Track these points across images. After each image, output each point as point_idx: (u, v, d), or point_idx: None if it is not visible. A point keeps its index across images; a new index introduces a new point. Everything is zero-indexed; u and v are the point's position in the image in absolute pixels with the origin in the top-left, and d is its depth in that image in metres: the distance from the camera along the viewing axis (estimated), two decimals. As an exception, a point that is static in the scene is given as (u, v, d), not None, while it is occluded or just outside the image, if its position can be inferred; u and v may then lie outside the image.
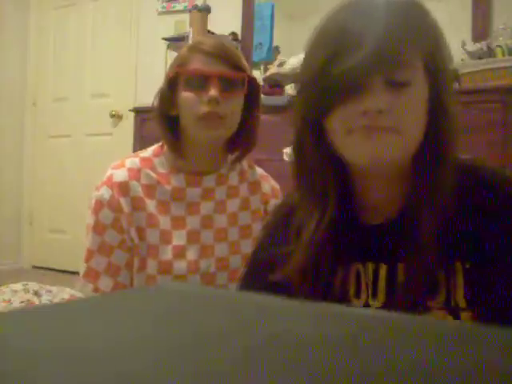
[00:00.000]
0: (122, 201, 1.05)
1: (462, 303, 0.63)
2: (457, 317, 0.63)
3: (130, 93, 3.49)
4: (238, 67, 1.04)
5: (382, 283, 0.68)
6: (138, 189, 1.06)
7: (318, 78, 0.63)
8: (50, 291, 1.55)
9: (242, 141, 1.11)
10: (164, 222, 1.07)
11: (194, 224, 1.09)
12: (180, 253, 1.06)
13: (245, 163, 1.18)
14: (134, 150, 3.04)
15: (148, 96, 3.61)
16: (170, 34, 3.10)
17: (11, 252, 3.89)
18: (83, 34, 3.76)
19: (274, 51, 2.76)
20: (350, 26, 0.61)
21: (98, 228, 1.06)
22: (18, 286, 1.50)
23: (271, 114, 2.28)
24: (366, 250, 0.69)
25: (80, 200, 3.70)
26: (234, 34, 3.00)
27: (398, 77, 0.61)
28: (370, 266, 0.69)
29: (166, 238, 1.06)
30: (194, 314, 0.28)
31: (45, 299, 1.48)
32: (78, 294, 1.63)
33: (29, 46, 3.97)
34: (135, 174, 1.07)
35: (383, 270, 0.68)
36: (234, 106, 1.04)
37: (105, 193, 1.05)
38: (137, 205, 1.06)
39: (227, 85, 1.02)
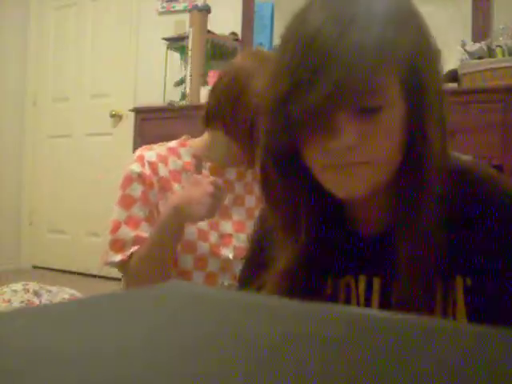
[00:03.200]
0: (153, 178, 1.09)
1: (462, 320, 0.60)
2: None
3: (129, 93, 3.49)
4: None
5: (375, 297, 0.64)
6: (165, 171, 1.12)
7: (276, 115, 0.56)
8: (50, 291, 1.55)
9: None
10: None
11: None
12: (203, 235, 1.11)
13: (257, 166, 1.22)
14: (134, 150, 3.02)
15: (148, 96, 3.59)
16: (170, 34, 3.10)
17: (11, 252, 3.89)
18: (83, 34, 3.76)
19: (274, 51, 2.76)
20: (311, 47, 0.52)
21: (124, 202, 1.09)
22: (18, 286, 1.50)
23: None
24: (359, 262, 0.65)
25: (80, 200, 3.70)
26: (234, 33, 3.00)
27: (368, 104, 0.54)
28: (363, 279, 0.65)
29: None
30: (196, 315, 0.28)
31: (45, 299, 1.48)
32: (78, 294, 1.63)
33: (29, 46, 3.97)
34: (163, 158, 1.13)
35: (377, 284, 0.64)
36: None
37: (135, 168, 1.10)
38: (164, 185, 1.11)
39: None
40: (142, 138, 2.80)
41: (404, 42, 0.54)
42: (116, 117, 3.56)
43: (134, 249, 1.06)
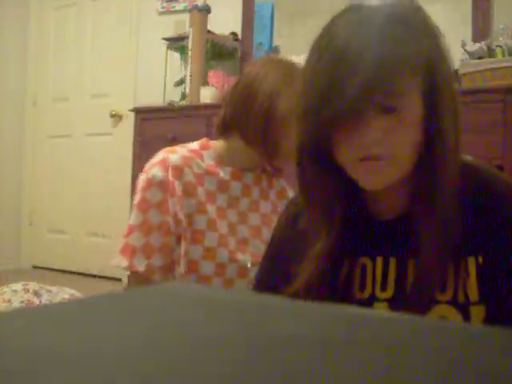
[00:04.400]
0: (176, 184, 1.07)
1: (474, 297, 0.65)
2: (465, 312, 0.65)
3: (129, 93, 3.49)
4: None
5: (391, 277, 0.69)
6: (190, 175, 1.10)
7: (312, 116, 0.65)
8: (50, 291, 1.55)
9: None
10: (211, 210, 1.11)
11: (233, 217, 1.14)
12: (223, 241, 1.11)
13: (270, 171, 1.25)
14: (134, 150, 3.04)
15: (148, 96, 3.60)
16: (170, 34, 3.10)
17: (11, 252, 3.89)
18: (83, 33, 3.76)
19: (274, 51, 2.76)
20: (342, 58, 0.61)
21: (142, 205, 1.08)
22: (18, 286, 1.50)
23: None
24: (376, 244, 0.71)
25: (80, 200, 3.70)
26: (234, 33, 3.00)
27: (391, 103, 0.62)
28: (380, 261, 0.71)
29: (212, 225, 1.10)
30: (197, 316, 0.28)
31: (45, 299, 1.49)
32: (78, 294, 1.63)
33: (29, 46, 3.97)
34: (188, 160, 1.11)
35: (393, 264, 0.70)
36: None
37: (157, 173, 1.07)
38: (188, 190, 1.09)
39: None
40: (142, 137, 2.80)
41: (421, 50, 0.62)
42: (116, 117, 3.56)
43: (139, 259, 1.06)
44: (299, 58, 0.72)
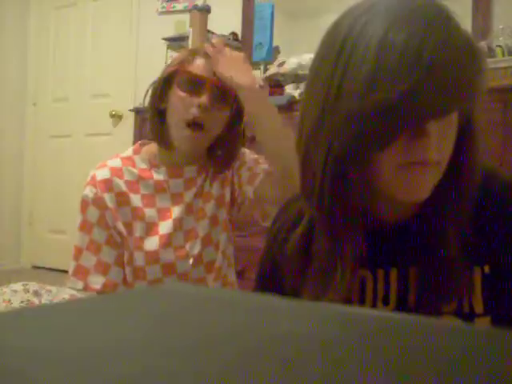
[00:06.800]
0: (106, 197, 1.08)
1: (479, 309, 0.62)
2: (470, 323, 0.62)
3: (129, 93, 3.49)
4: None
5: (393, 288, 0.66)
6: (121, 185, 1.10)
7: (378, 113, 0.55)
8: (50, 291, 1.55)
9: (220, 154, 1.15)
10: (150, 214, 1.10)
11: (179, 213, 1.13)
12: (167, 241, 1.10)
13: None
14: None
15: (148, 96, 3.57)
16: (170, 34, 3.10)
17: (11, 252, 3.89)
18: (83, 34, 3.76)
19: (274, 51, 2.76)
20: (416, 64, 0.54)
21: (85, 226, 1.11)
22: (18, 286, 1.50)
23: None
24: (377, 254, 0.66)
25: (80, 200, 3.69)
26: (234, 34, 3.00)
27: (450, 115, 0.59)
28: (381, 273, 0.66)
29: (151, 229, 1.10)
30: (196, 315, 0.28)
31: (45, 299, 1.48)
32: (78, 294, 1.63)
33: (29, 46, 3.97)
34: (117, 171, 1.11)
35: (394, 275, 0.66)
36: (220, 117, 1.08)
37: (89, 192, 1.10)
38: (121, 200, 1.09)
39: (219, 95, 1.05)
40: (142, 138, 2.79)
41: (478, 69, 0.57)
42: (116, 117, 3.56)
43: (94, 278, 1.07)
44: (299, 58, 0.69)
